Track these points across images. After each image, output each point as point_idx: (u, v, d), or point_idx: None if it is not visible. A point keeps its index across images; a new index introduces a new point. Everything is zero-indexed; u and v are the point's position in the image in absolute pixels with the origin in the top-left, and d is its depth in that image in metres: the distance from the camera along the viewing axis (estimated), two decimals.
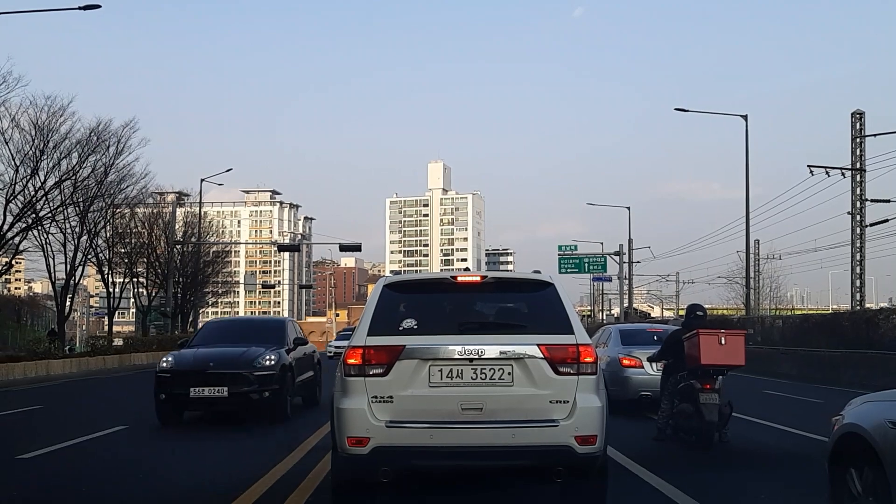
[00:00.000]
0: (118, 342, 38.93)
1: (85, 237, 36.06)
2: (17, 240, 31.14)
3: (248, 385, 10.90)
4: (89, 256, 38.25)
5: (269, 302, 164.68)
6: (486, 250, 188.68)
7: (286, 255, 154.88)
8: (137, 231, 44.94)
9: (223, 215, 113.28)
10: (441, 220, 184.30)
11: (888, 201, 29.21)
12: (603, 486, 5.38)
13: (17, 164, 30.12)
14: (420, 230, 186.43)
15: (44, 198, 31.41)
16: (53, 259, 35.06)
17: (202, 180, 44.83)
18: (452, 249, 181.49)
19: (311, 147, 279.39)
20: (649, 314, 71.26)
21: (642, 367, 12.28)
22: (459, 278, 5.67)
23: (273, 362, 11.21)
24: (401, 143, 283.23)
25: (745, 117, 31.75)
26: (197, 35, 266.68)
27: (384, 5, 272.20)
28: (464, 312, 5.55)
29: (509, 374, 5.07)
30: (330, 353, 32.37)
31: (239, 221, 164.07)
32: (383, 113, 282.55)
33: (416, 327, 5.26)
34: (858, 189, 28.75)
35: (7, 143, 29.98)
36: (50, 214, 32.43)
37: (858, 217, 28.91)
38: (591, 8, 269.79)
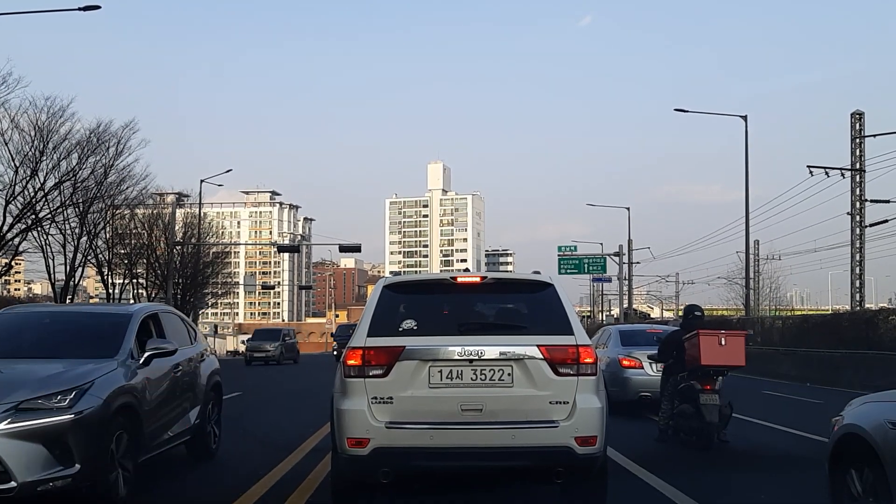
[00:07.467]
0: None
1: (85, 238, 36.06)
2: (16, 241, 31.13)
3: None
4: (89, 257, 38.23)
5: (269, 303, 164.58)
6: (486, 251, 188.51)
7: (286, 255, 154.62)
8: (137, 232, 44.90)
9: (223, 216, 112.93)
10: (441, 220, 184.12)
11: (888, 201, 29.21)
12: (603, 487, 5.38)
13: (17, 164, 30.13)
14: (420, 231, 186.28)
15: (43, 199, 31.39)
16: (53, 260, 35.09)
17: (202, 181, 44.76)
18: (452, 250, 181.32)
19: (311, 147, 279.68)
20: (649, 315, 71.21)
21: (642, 368, 12.30)
22: (459, 279, 5.66)
23: None
24: (400, 144, 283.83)
25: (744, 118, 31.78)
26: (196, 35, 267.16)
27: (385, 5, 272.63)
28: (463, 313, 5.54)
29: (509, 374, 5.07)
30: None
31: (238, 222, 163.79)
32: (383, 113, 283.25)
33: (415, 328, 5.25)
34: (858, 189, 28.74)
35: (7, 144, 30.02)
36: (50, 215, 32.40)
37: (858, 217, 28.90)
38: (599, 16, 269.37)
